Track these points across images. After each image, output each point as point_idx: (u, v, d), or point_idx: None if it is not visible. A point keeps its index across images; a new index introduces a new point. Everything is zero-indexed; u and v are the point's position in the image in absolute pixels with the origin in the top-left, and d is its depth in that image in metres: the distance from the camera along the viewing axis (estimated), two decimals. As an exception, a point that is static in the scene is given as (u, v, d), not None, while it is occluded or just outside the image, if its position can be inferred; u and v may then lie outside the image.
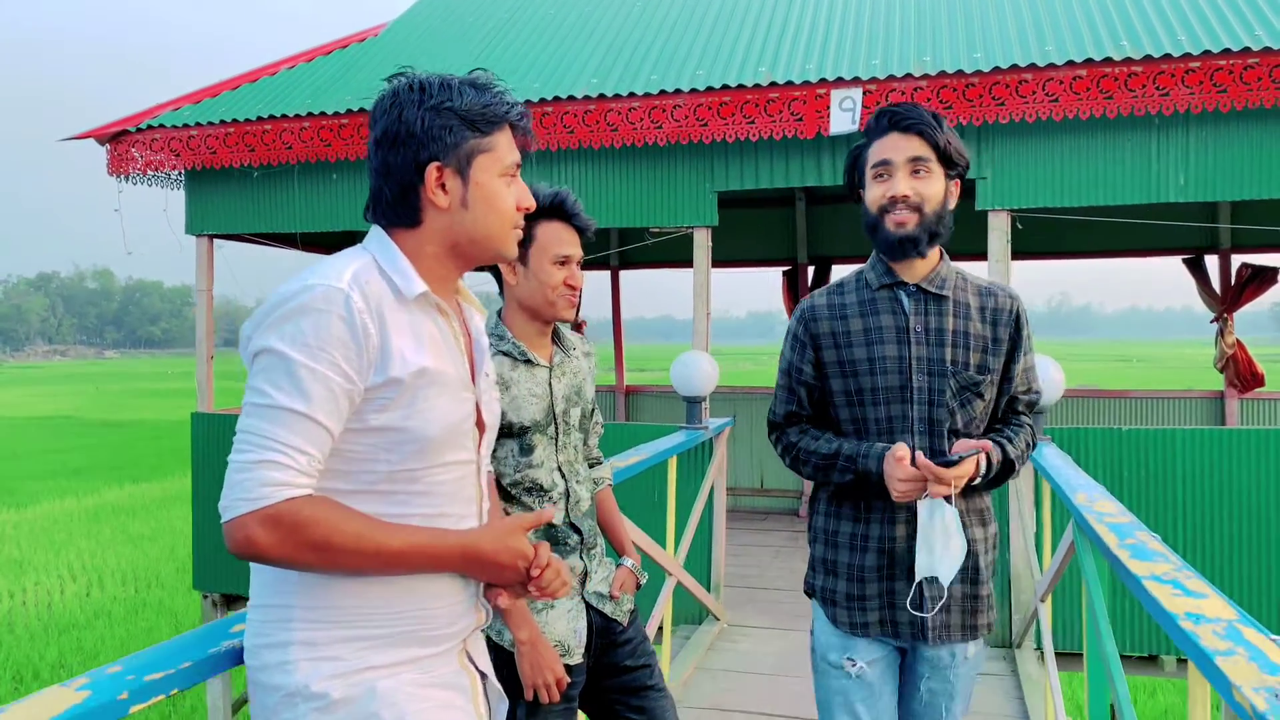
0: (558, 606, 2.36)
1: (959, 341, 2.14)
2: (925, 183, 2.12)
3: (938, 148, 2.11)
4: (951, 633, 2.16)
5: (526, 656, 2.25)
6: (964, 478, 2.00)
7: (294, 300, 1.39)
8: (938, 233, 2.14)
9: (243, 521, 1.33)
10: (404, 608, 1.48)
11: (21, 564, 14.66)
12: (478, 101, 1.51)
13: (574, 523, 2.40)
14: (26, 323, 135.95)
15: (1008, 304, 2.19)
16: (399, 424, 1.44)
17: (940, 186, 2.13)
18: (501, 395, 2.31)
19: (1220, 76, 5.10)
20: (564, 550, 2.38)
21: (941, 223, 2.13)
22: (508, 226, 1.56)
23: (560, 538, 2.38)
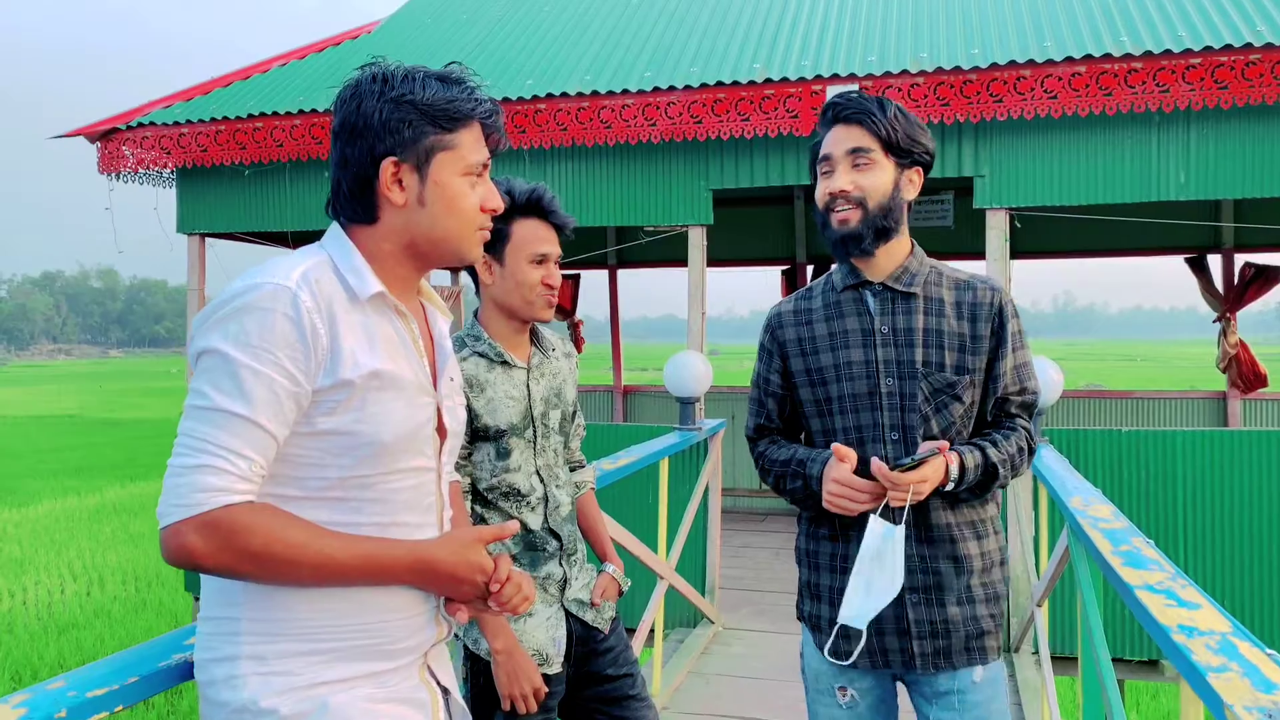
0: (536, 614, 2.30)
1: (931, 341, 1.99)
2: (867, 174, 1.98)
3: (880, 136, 1.98)
4: (952, 658, 1.98)
5: (503, 666, 2.19)
6: (925, 483, 1.84)
7: (239, 299, 1.33)
8: (886, 227, 2.00)
9: (178, 529, 1.28)
10: (359, 620, 1.42)
11: (22, 563, 14.63)
12: (442, 96, 1.45)
13: (553, 528, 2.34)
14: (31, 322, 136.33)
15: (988, 297, 2.02)
16: (349, 428, 1.38)
17: (886, 177, 1.99)
18: (477, 398, 2.26)
19: (1221, 73, 5.03)
20: (542, 557, 2.33)
21: (890, 216, 1.99)
22: (469, 228, 1.49)
23: (539, 544, 2.32)
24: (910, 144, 2.00)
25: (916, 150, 2.02)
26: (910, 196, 2.03)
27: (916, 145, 2.01)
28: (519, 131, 5.91)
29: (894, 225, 2.01)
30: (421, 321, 1.57)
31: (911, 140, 2.00)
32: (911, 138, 2.00)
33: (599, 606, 2.42)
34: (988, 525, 2.06)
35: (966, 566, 2.00)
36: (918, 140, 2.01)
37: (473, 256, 1.53)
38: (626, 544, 3.98)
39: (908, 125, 2.00)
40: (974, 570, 2.00)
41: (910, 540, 1.97)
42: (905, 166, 2.02)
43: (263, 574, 1.32)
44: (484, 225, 1.52)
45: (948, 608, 1.98)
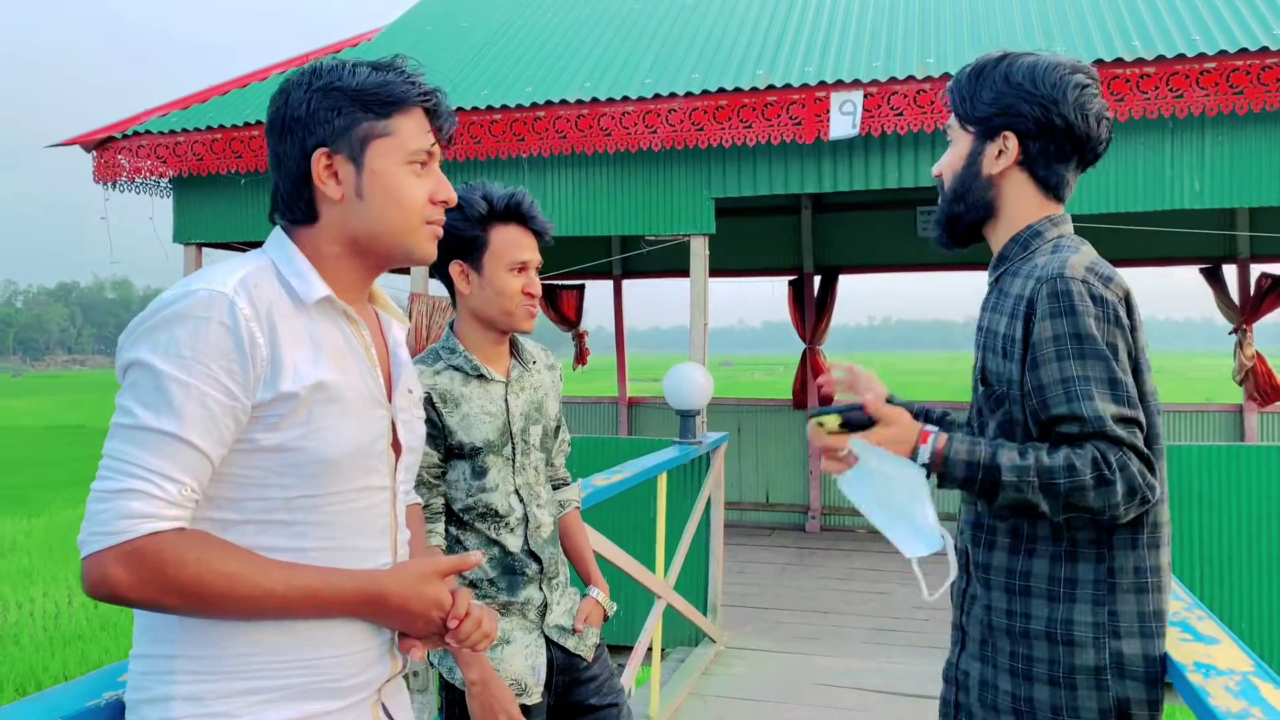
0: (514, 642, 2.19)
1: (985, 343, 1.72)
2: (947, 152, 1.77)
3: (955, 104, 1.72)
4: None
5: (478, 698, 2.07)
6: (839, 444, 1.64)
7: (170, 307, 1.23)
8: (957, 214, 1.74)
9: (99, 559, 1.16)
10: (303, 656, 1.30)
11: (31, 573, 14.59)
12: (373, 81, 1.35)
13: (534, 550, 2.23)
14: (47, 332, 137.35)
15: (1029, 288, 1.61)
16: (294, 444, 1.27)
17: (960, 152, 1.73)
18: (451, 414, 2.15)
19: (1237, 78, 4.90)
20: (521, 580, 2.21)
21: (964, 199, 1.72)
22: (415, 220, 1.39)
23: (518, 567, 2.21)
24: (982, 107, 1.68)
25: (988, 113, 1.67)
26: (999, 169, 1.69)
27: (987, 108, 1.67)
28: (518, 140, 5.81)
29: (971, 209, 1.73)
30: (375, 329, 1.46)
31: (983, 103, 1.68)
32: (984, 99, 1.68)
33: (581, 633, 2.30)
34: (1020, 582, 1.64)
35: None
36: (990, 101, 1.67)
37: (422, 252, 1.42)
38: (620, 563, 3.86)
39: (984, 85, 1.68)
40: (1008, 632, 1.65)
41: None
42: (985, 137, 1.69)
43: (194, 608, 1.22)
44: (433, 218, 1.41)
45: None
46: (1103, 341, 1.53)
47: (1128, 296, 1.59)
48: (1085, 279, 1.56)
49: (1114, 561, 1.55)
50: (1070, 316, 1.55)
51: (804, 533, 8.67)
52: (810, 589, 6.79)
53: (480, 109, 5.85)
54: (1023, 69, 1.65)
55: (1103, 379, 1.52)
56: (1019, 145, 1.66)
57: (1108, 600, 1.54)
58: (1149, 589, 1.55)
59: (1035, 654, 1.58)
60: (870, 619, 6.09)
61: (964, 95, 1.71)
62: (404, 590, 1.34)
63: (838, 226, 9.06)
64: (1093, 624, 1.54)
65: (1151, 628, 1.54)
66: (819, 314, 8.90)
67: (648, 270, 9.71)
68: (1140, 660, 1.52)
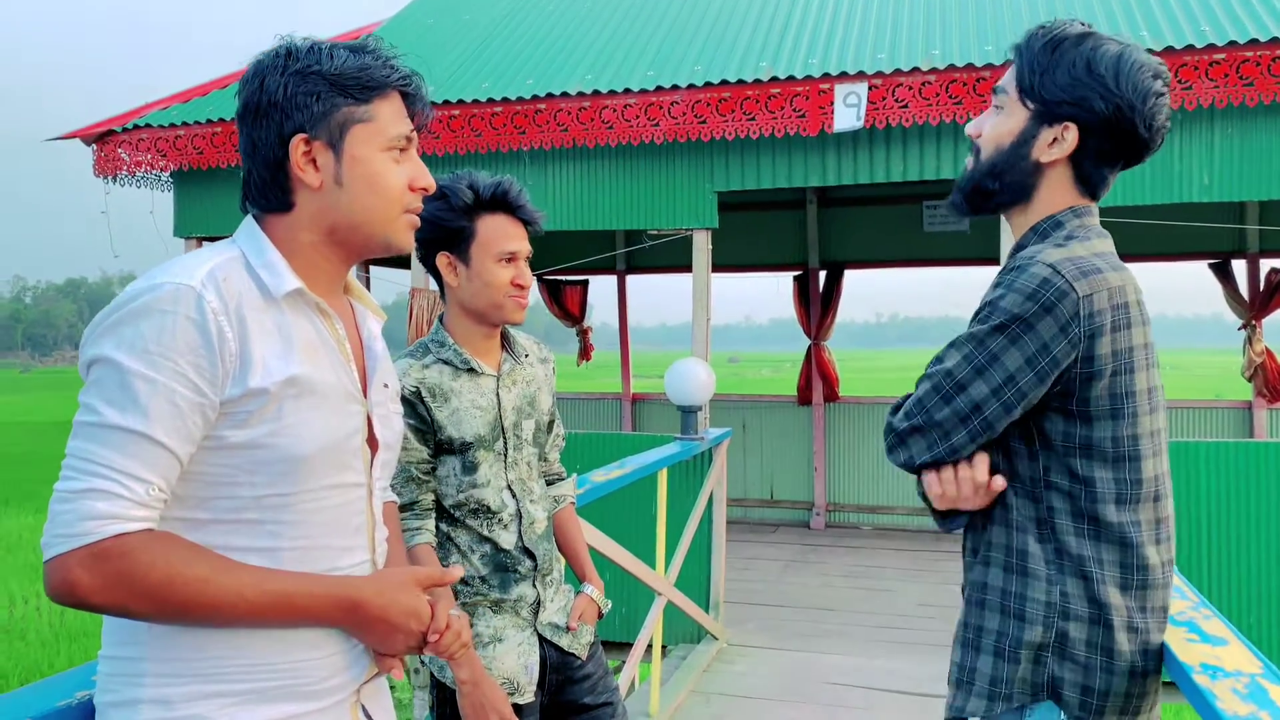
0: (506, 640, 2.15)
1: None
2: (993, 119, 1.62)
3: (1020, 74, 1.58)
4: None
5: (468, 697, 2.04)
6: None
7: (135, 301, 1.19)
8: (989, 190, 1.61)
9: (62, 561, 1.12)
10: (279, 658, 1.27)
11: (37, 569, 14.64)
12: (353, 64, 1.31)
13: (527, 547, 2.19)
14: (55, 328, 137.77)
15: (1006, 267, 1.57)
16: (264, 441, 1.23)
17: (1007, 126, 1.59)
18: (441, 408, 2.11)
19: (1247, 69, 4.83)
20: (514, 578, 2.17)
21: (1001, 177, 1.59)
22: (394, 208, 1.35)
23: (511, 564, 2.17)
24: (1051, 91, 1.55)
25: (1059, 99, 1.54)
26: (1049, 158, 1.57)
27: (1059, 93, 1.54)
28: (519, 132, 5.77)
29: (1004, 190, 1.61)
30: (349, 322, 1.42)
31: (1055, 86, 1.54)
32: (1057, 83, 1.54)
33: (575, 631, 2.26)
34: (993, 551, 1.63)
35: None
36: (1064, 88, 1.54)
37: (400, 241, 1.38)
38: (619, 560, 3.82)
39: (1059, 67, 1.54)
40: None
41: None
42: (1045, 120, 1.57)
43: (161, 614, 1.18)
44: (412, 206, 1.37)
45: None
46: (1018, 324, 1.47)
47: (1117, 294, 1.50)
48: (1055, 264, 1.48)
49: (1058, 541, 1.53)
50: (1004, 289, 1.50)
51: (808, 529, 8.62)
52: (814, 586, 6.74)
53: (481, 101, 5.81)
54: (1108, 60, 1.53)
55: (964, 367, 1.51)
56: (1078, 139, 1.56)
57: (1058, 580, 1.52)
58: (1093, 579, 1.50)
59: (986, 625, 1.57)
60: (875, 616, 6.04)
61: (1034, 68, 1.57)
62: (380, 599, 1.30)
63: (843, 221, 8.99)
64: (1045, 602, 1.51)
65: (1097, 616, 1.49)
66: (824, 310, 8.84)
67: (652, 266, 9.66)
68: (1082, 645, 1.49)
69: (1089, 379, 1.49)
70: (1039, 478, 1.55)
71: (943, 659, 5.39)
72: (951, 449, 1.54)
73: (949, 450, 1.54)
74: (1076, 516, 1.52)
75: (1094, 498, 1.51)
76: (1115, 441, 1.52)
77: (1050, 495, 1.54)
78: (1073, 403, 1.51)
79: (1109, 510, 1.51)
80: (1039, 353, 1.47)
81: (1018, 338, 1.48)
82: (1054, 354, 1.47)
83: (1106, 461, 1.52)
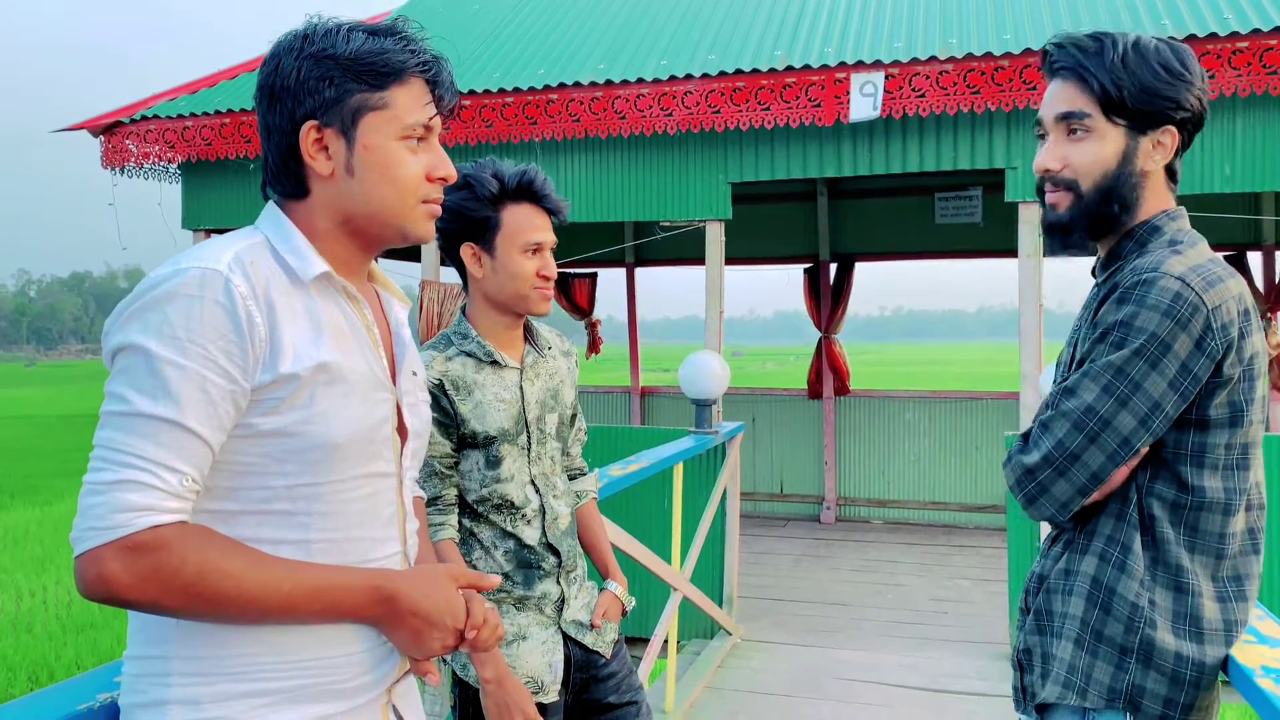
0: (530, 638, 2.11)
1: (1071, 344, 1.62)
2: (1080, 146, 1.56)
3: (1095, 94, 1.53)
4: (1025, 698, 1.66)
5: (492, 696, 1.99)
6: None
7: (161, 286, 1.14)
8: (1108, 214, 1.56)
9: (96, 555, 1.08)
10: (308, 655, 1.23)
11: (44, 561, 14.61)
12: (368, 48, 1.24)
13: (551, 543, 2.15)
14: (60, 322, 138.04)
15: (1126, 281, 1.51)
16: (296, 429, 1.19)
17: (1108, 150, 1.54)
18: (464, 401, 2.07)
19: (1270, 57, 4.75)
20: (538, 574, 2.13)
21: (1115, 199, 1.55)
22: (409, 198, 1.29)
23: (535, 560, 2.13)
24: (1146, 100, 1.52)
25: (1158, 107, 1.52)
26: (1155, 165, 1.56)
27: (1156, 100, 1.52)
28: (530, 123, 5.71)
29: (1124, 209, 1.57)
30: (376, 308, 1.38)
31: (1148, 95, 1.51)
32: (1148, 90, 1.51)
33: (599, 628, 2.21)
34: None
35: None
36: (1159, 93, 1.52)
37: (418, 232, 1.32)
38: (636, 555, 3.77)
39: (1140, 74, 1.52)
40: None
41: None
42: (1142, 130, 1.54)
43: (195, 609, 1.14)
44: (430, 196, 1.31)
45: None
46: (1156, 345, 1.42)
47: (1239, 301, 1.46)
48: (1183, 276, 1.44)
49: (1158, 549, 1.49)
50: (1135, 305, 1.45)
51: (819, 524, 8.57)
52: (826, 581, 6.69)
53: (492, 91, 5.75)
54: (1173, 55, 1.53)
55: (1106, 400, 1.46)
56: (1177, 139, 1.55)
57: (1150, 586, 1.47)
58: (1188, 591, 1.47)
59: (1071, 611, 1.53)
60: (888, 611, 5.99)
61: (1118, 82, 1.52)
62: (416, 593, 1.26)
63: (854, 213, 8.93)
64: (1132, 603, 1.47)
65: (1187, 631, 1.46)
66: (835, 302, 8.78)
67: (661, 258, 9.61)
68: (1171, 658, 1.45)
69: (1214, 389, 1.46)
70: (1143, 484, 1.50)
71: (957, 654, 5.40)
72: (1099, 484, 1.49)
73: (1097, 487, 1.49)
74: (1177, 526, 1.48)
75: (1200, 506, 1.47)
76: (1229, 449, 1.48)
77: (1151, 503, 1.49)
78: (1193, 411, 1.47)
79: (1214, 520, 1.47)
80: (1180, 374, 1.44)
81: (1157, 361, 1.43)
82: (1195, 372, 1.44)
83: (1217, 469, 1.47)
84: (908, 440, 8.56)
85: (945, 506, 8.43)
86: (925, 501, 8.49)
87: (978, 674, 4.78)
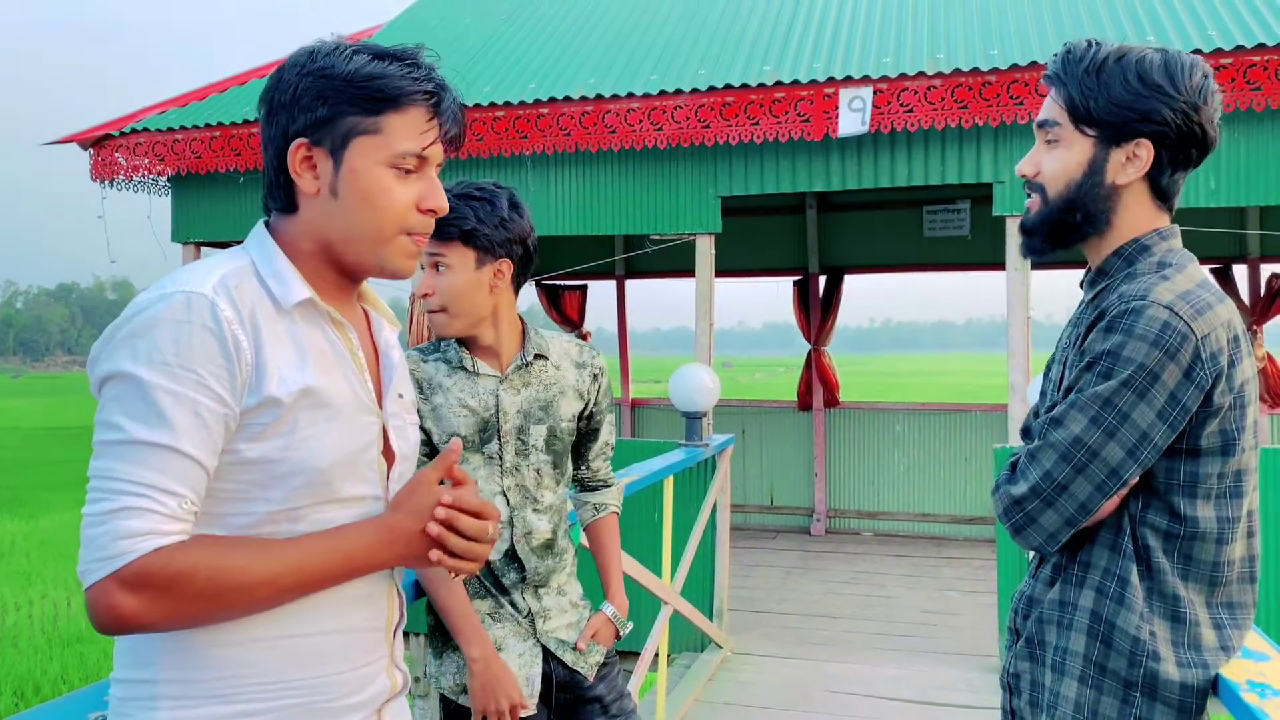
0: (507, 649, 2.08)
1: (1070, 359, 1.58)
2: (1052, 154, 1.57)
3: (1068, 102, 1.54)
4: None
5: (478, 676, 1.97)
6: None
7: (147, 312, 1.14)
8: (1071, 223, 1.56)
9: (103, 588, 1.08)
10: (297, 675, 1.23)
11: (30, 575, 14.51)
12: (368, 72, 1.24)
13: (519, 557, 2.10)
14: (47, 333, 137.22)
15: (1113, 308, 1.49)
16: (280, 454, 1.19)
17: (1073, 158, 1.54)
18: (425, 402, 2.05)
19: (1254, 73, 4.81)
20: (505, 585, 2.10)
21: (1078, 209, 1.55)
22: (389, 227, 1.26)
23: (498, 572, 2.10)
24: (1112, 111, 1.50)
25: (1124, 118, 1.50)
26: (1127, 179, 1.53)
27: (1123, 112, 1.50)
28: (521, 137, 5.72)
29: (1089, 220, 1.56)
30: (364, 331, 1.37)
31: (1115, 106, 1.50)
32: (1115, 101, 1.50)
33: (583, 650, 2.18)
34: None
35: None
36: (1126, 105, 1.49)
37: (394, 266, 1.29)
38: (625, 568, 3.76)
39: (1111, 85, 1.50)
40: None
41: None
42: (1113, 142, 1.52)
43: (213, 612, 1.14)
44: (415, 228, 1.29)
45: None
46: (1144, 375, 1.41)
47: (1228, 328, 1.45)
48: (1171, 305, 1.43)
49: (1153, 580, 1.48)
50: (1122, 335, 1.43)
51: (809, 535, 8.58)
52: (816, 593, 6.70)
53: (483, 106, 5.77)
54: (1157, 68, 1.50)
55: (1093, 431, 1.44)
56: (1153, 153, 1.52)
57: (1149, 618, 1.47)
58: (1186, 620, 1.47)
59: (1072, 647, 1.51)
60: (878, 623, 6.00)
61: (1085, 92, 1.52)
62: (404, 507, 1.27)
63: (843, 226, 8.97)
64: (1133, 636, 1.46)
65: (1189, 659, 1.46)
66: (824, 315, 8.82)
67: (651, 270, 9.63)
68: (1176, 689, 1.44)
69: (1205, 418, 1.45)
70: (1136, 514, 1.50)
71: (948, 667, 5.41)
72: (1087, 515, 1.48)
73: (1085, 518, 1.48)
74: (1171, 555, 1.47)
75: (1193, 536, 1.47)
76: (1221, 478, 1.47)
77: (1145, 533, 1.49)
78: (1184, 441, 1.46)
79: (1208, 549, 1.47)
80: (1168, 404, 1.42)
81: (1145, 391, 1.42)
82: (1183, 402, 1.42)
83: (1210, 498, 1.47)
84: (897, 452, 8.59)
85: (935, 518, 8.46)
86: (915, 513, 8.51)
87: (968, 686, 4.79)
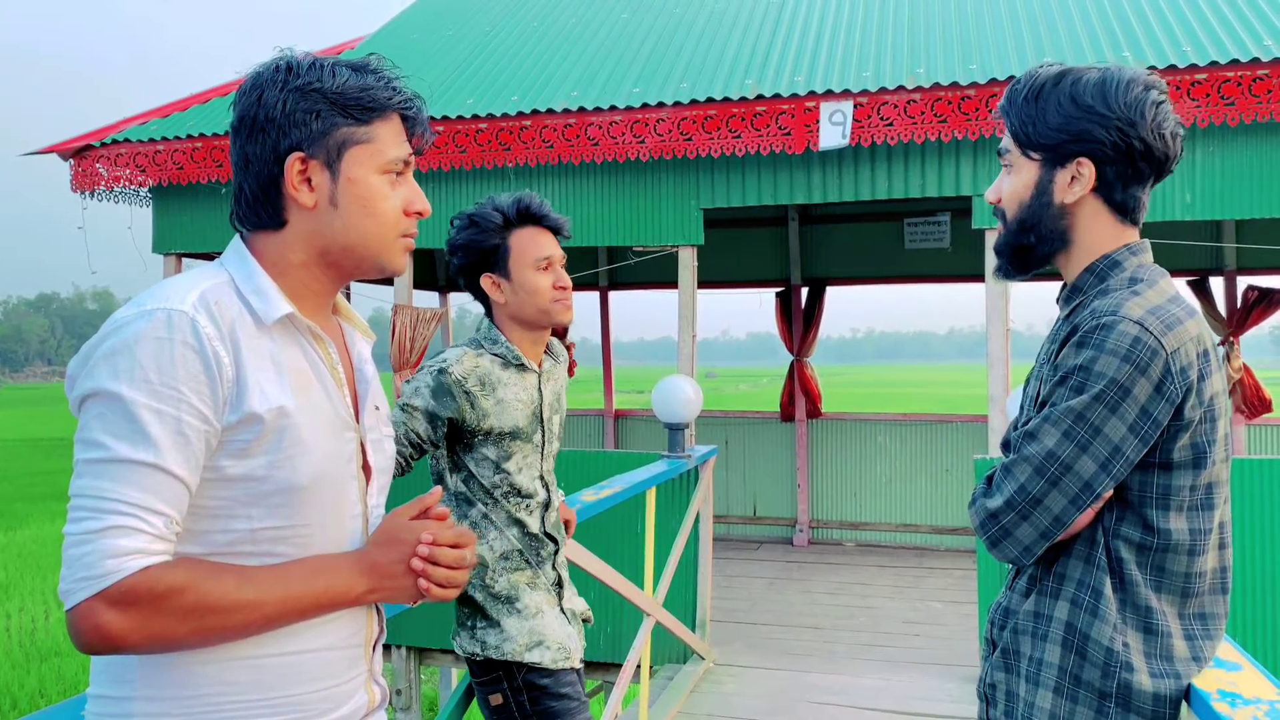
0: (545, 614, 2.29)
1: (1045, 375, 1.58)
2: (1008, 180, 1.63)
3: (1014, 129, 1.60)
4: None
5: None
6: None
7: (128, 329, 1.14)
8: (1027, 245, 1.61)
9: (89, 607, 1.07)
10: (274, 693, 1.23)
11: (7, 588, 14.37)
12: (354, 84, 1.27)
13: (550, 532, 2.35)
14: (26, 344, 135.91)
15: (1085, 323, 1.50)
16: (261, 473, 1.19)
17: (1022, 182, 1.59)
18: (487, 397, 2.22)
19: (1228, 89, 4.88)
20: (539, 559, 2.32)
21: (1033, 230, 1.59)
22: (389, 232, 1.31)
23: (537, 546, 2.32)
24: (1049, 134, 1.55)
25: (1059, 140, 1.54)
26: (1074, 198, 1.56)
27: (1058, 134, 1.54)
28: (504, 149, 5.74)
29: (1042, 240, 1.59)
30: (340, 345, 1.38)
31: (1051, 129, 1.55)
32: (1051, 125, 1.54)
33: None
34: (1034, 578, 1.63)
35: None
36: (1060, 127, 1.54)
37: (395, 266, 1.34)
38: (606, 579, 3.77)
39: (1047, 109, 1.55)
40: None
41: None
42: (1055, 164, 1.56)
43: (199, 634, 1.14)
44: (408, 231, 1.34)
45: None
46: (1116, 390, 1.43)
47: (1197, 343, 1.47)
48: (1142, 320, 1.44)
49: (1125, 591, 1.50)
50: (1094, 350, 1.45)
51: (791, 546, 8.59)
52: (799, 604, 6.71)
53: (466, 118, 5.78)
54: (1091, 88, 1.53)
55: (1067, 445, 1.46)
56: (1095, 171, 1.54)
57: (1122, 630, 1.48)
58: (1157, 631, 1.49)
59: (1046, 658, 1.53)
60: (860, 634, 6.01)
61: (1024, 119, 1.57)
62: (381, 542, 1.29)
63: (825, 238, 9.02)
64: (1106, 648, 1.48)
65: (1162, 670, 1.48)
66: (806, 326, 8.86)
67: (634, 281, 9.65)
68: (1149, 699, 1.46)
69: (1177, 432, 1.47)
70: (1110, 526, 1.51)
71: (929, 677, 5.43)
72: (1062, 527, 1.50)
73: (1060, 530, 1.50)
74: (1144, 567, 1.49)
75: (1166, 548, 1.48)
76: (1193, 490, 1.49)
77: (1118, 545, 1.50)
78: (1156, 454, 1.48)
79: (1180, 560, 1.49)
80: (1140, 418, 1.44)
81: (1117, 405, 1.43)
82: (1154, 416, 1.44)
83: (1182, 511, 1.49)
84: (879, 462, 8.63)
85: (916, 529, 8.49)
86: (897, 524, 8.54)
87: (948, 696, 4.81)
